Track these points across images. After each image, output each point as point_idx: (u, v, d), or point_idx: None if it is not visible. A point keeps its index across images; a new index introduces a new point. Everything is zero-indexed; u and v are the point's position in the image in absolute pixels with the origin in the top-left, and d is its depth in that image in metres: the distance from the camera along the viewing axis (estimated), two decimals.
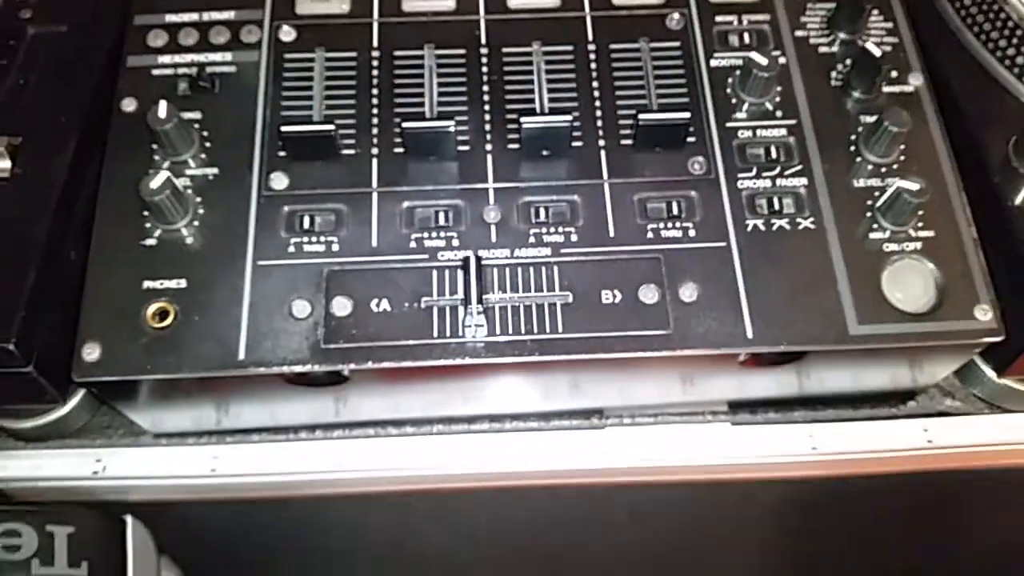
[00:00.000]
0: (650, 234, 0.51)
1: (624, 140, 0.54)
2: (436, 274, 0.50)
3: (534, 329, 0.48)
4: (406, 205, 0.52)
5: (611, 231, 0.51)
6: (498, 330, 0.48)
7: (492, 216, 0.51)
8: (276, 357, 0.48)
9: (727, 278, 0.50)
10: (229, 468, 0.56)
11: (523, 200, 0.52)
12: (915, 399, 0.59)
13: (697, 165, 0.53)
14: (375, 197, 0.52)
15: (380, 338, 0.48)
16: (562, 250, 0.50)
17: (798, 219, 0.52)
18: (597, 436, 0.58)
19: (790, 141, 0.54)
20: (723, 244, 0.51)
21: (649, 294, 0.49)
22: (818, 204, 0.52)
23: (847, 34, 0.57)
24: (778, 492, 0.63)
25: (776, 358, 0.50)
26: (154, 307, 0.49)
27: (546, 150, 0.53)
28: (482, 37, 0.57)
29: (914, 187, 0.49)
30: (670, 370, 0.53)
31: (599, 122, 0.54)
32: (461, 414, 0.59)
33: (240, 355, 0.48)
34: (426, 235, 0.51)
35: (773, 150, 0.54)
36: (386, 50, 0.56)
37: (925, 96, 0.56)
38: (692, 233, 0.51)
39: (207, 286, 0.49)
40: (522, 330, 0.48)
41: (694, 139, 0.54)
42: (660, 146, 0.53)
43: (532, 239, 0.51)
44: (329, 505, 0.61)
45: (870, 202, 0.52)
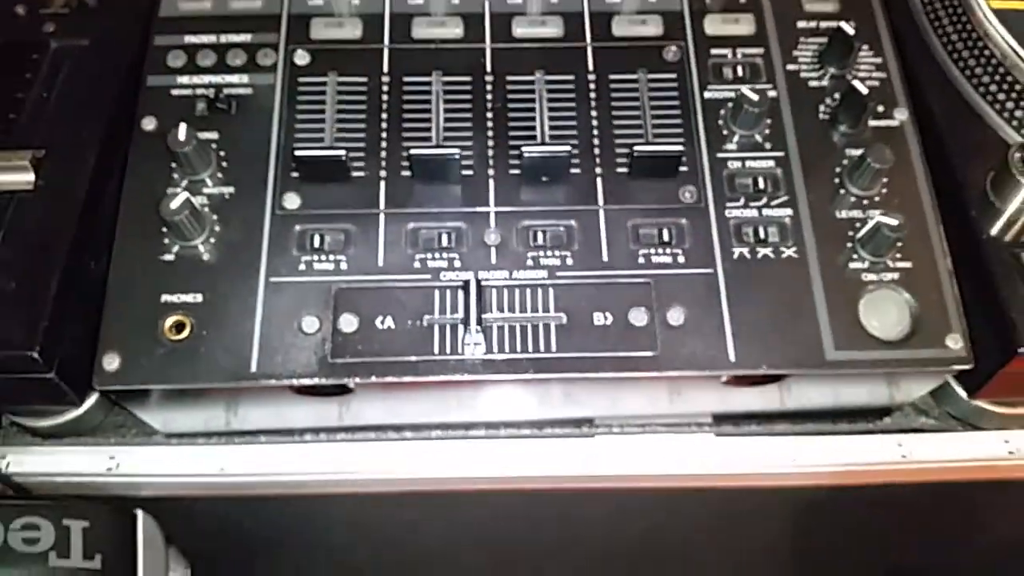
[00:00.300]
0: (641, 259, 0.53)
1: (620, 168, 0.56)
2: (438, 294, 0.52)
3: (529, 348, 0.51)
4: (411, 226, 0.54)
5: (604, 255, 0.54)
6: (495, 348, 0.51)
7: (492, 239, 0.54)
8: (286, 370, 0.50)
9: (713, 303, 0.52)
10: (236, 468, 0.59)
11: (522, 224, 0.54)
12: (890, 416, 0.62)
13: (688, 194, 0.55)
14: (382, 218, 0.54)
15: (384, 354, 0.51)
16: (558, 273, 0.53)
17: (782, 248, 0.54)
18: (587, 444, 0.60)
19: (777, 172, 0.56)
20: (710, 271, 0.53)
21: (639, 317, 0.52)
22: (802, 234, 0.54)
23: (837, 69, 0.59)
24: (759, 501, 0.65)
25: (757, 379, 0.53)
26: (171, 320, 0.51)
27: (545, 176, 0.55)
28: (487, 65, 0.59)
29: (893, 223, 0.52)
30: (658, 384, 0.55)
31: (596, 150, 0.57)
32: (458, 420, 0.61)
33: (252, 367, 0.50)
34: (429, 256, 0.53)
35: (761, 181, 0.56)
36: (396, 75, 0.59)
37: (909, 130, 0.58)
38: (681, 259, 0.53)
39: (222, 301, 0.52)
40: (518, 349, 0.51)
41: (686, 168, 0.56)
42: (653, 175, 0.55)
43: (530, 262, 0.53)
44: (330, 503, 0.64)
45: (851, 233, 0.54)
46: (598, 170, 0.56)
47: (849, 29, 0.58)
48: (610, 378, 0.51)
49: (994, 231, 0.55)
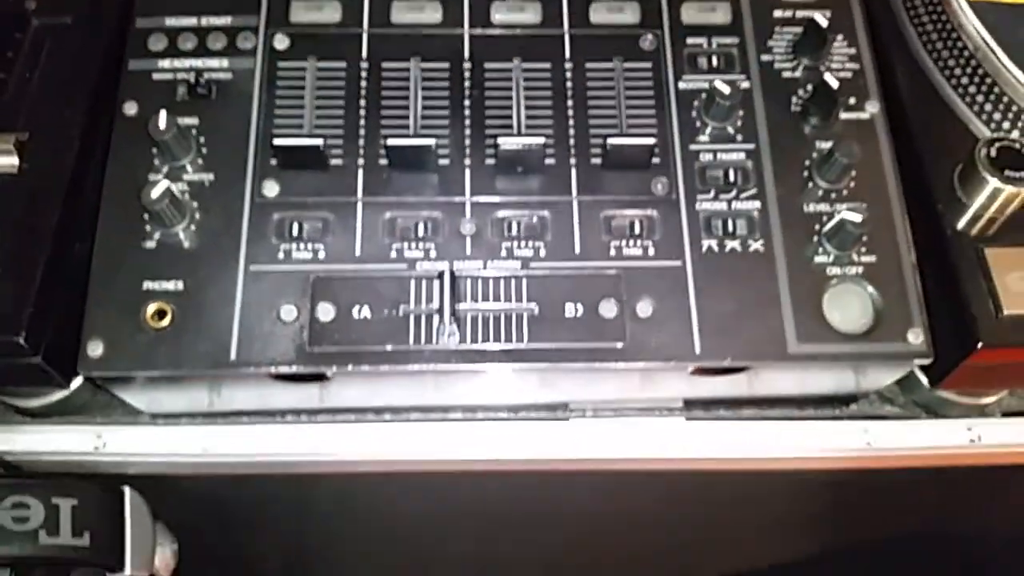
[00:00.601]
0: (613, 251, 0.54)
1: (594, 159, 0.57)
2: (414, 284, 0.53)
3: (502, 338, 0.52)
4: (388, 216, 0.55)
5: (577, 247, 0.55)
6: (469, 339, 0.52)
7: (468, 229, 0.55)
8: (265, 357, 0.51)
9: (680, 296, 0.53)
10: (219, 448, 0.60)
11: (497, 215, 0.55)
12: (856, 403, 0.63)
13: (660, 186, 0.56)
14: (359, 207, 0.55)
15: (360, 343, 0.52)
16: (531, 264, 0.54)
17: (749, 241, 0.55)
18: (562, 427, 0.62)
19: (748, 165, 0.57)
20: (679, 263, 0.54)
21: (608, 309, 0.53)
22: (769, 227, 0.55)
23: (810, 60, 0.60)
24: (729, 483, 0.67)
25: (722, 369, 0.55)
26: (153, 307, 0.52)
27: (520, 167, 0.56)
28: (465, 51, 0.60)
29: (857, 219, 0.53)
30: (630, 372, 0.56)
31: (571, 140, 0.57)
32: (436, 404, 0.62)
33: (232, 355, 0.51)
34: (406, 245, 0.54)
35: (731, 173, 0.57)
36: (375, 61, 0.59)
37: (879, 123, 0.59)
38: (651, 251, 0.54)
39: (202, 288, 0.53)
40: (491, 338, 0.52)
41: (659, 160, 0.57)
42: (627, 166, 0.56)
43: (504, 252, 0.54)
44: (311, 482, 0.65)
45: (818, 227, 0.55)
46: (572, 160, 0.57)
47: (822, 21, 0.58)
48: (579, 368, 0.52)
49: (960, 225, 0.56)
